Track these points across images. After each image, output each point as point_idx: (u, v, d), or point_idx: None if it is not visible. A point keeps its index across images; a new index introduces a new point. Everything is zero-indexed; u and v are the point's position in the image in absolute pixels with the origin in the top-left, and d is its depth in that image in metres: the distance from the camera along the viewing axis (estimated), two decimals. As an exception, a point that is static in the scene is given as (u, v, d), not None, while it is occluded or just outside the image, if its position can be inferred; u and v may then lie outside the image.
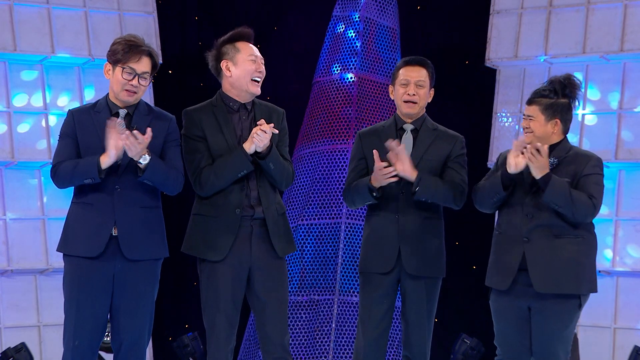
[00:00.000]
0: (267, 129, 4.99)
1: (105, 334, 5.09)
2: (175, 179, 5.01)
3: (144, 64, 4.99)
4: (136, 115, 5.03)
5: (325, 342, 7.84)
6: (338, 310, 7.87)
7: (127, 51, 4.96)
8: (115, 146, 4.84)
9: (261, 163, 5.06)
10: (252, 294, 5.14)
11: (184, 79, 9.14)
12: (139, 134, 4.83)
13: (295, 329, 7.88)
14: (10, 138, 8.07)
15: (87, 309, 4.94)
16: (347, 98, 8.20)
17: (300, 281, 8.04)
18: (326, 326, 7.87)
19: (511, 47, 8.48)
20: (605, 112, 8.08)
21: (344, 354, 7.80)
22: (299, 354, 7.84)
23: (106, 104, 5.05)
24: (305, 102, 8.49)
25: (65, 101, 8.33)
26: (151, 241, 5.00)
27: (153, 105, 5.18)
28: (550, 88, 5.18)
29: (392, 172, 5.18)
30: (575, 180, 5.08)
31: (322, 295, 7.95)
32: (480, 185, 5.28)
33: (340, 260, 7.94)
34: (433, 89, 5.47)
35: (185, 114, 5.19)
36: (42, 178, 8.17)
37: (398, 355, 7.79)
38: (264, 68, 5.19)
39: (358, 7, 8.33)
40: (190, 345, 8.04)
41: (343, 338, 7.84)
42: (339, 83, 8.27)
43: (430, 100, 5.47)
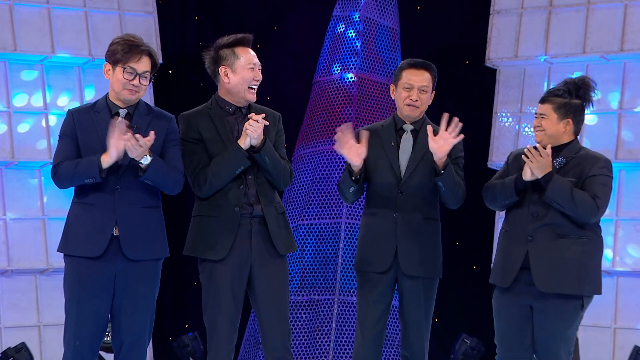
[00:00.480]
0: (258, 119, 5.00)
1: (105, 334, 5.09)
2: (176, 178, 5.00)
3: (144, 64, 4.98)
4: (136, 115, 5.02)
5: (326, 342, 7.83)
6: (338, 310, 7.87)
7: (127, 51, 4.95)
8: (116, 146, 4.83)
9: (256, 157, 5.05)
10: (253, 293, 5.13)
11: (184, 79, 9.14)
12: (141, 138, 4.82)
13: (295, 329, 7.87)
14: (10, 138, 8.07)
15: (87, 309, 4.93)
16: (347, 98, 8.20)
17: (301, 281, 8.04)
18: (326, 326, 7.87)
19: (511, 47, 8.47)
20: (606, 112, 8.08)
21: (344, 353, 7.79)
22: (299, 354, 7.83)
23: (106, 103, 5.03)
24: (305, 102, 8.49)
25: (65, 101, 8.33)
26: (152, 241, 4.99)
27: (153, 105, 5.18)
28: (565, 88, 5.19)
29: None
30: (582, 180, 5.07)
31: (322, 295, 7.95)
32: (492, 185, 5.26)
33: (340, 260, 7.93)
34: (434, 91, 5.47)
35: (182, 118, 5.18)
36: (42, 178, 8.17)
37: (397, 355, 7.79)
38: (261, 75, 5.19)
39: (358, 7, 8.32)
40: (190, 345, 8.04)
41: (343, 338, 7.83)
42: (339, 83, 8.27)
43: (431, 102, 5.48)
